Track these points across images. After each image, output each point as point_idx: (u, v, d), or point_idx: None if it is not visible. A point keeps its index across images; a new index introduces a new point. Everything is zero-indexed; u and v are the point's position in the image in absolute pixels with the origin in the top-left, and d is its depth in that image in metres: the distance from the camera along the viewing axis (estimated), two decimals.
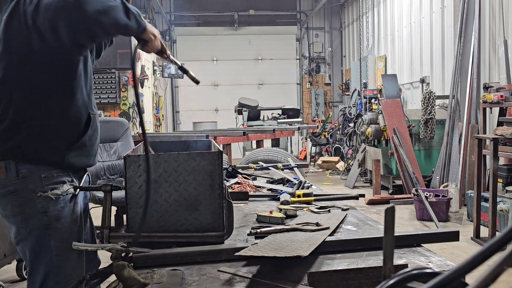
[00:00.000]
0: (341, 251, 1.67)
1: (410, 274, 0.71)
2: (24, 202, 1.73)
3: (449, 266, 1.52)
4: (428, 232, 1.81)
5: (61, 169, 1.79)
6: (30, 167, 1.73)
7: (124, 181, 1.78)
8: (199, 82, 2.06)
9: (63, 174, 1.80)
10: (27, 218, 1.74)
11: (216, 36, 14.42)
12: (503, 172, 5.24)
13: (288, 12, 14.89)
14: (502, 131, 4.52)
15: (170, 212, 1.79)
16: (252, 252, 1.54)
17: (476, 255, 0.60)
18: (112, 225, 1.92)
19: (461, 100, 6.65)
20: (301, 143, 14.09)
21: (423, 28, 8.73)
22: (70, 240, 1.70)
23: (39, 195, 1.73)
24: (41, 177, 1.74)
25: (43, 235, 1.74)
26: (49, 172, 1.76)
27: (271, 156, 4.93)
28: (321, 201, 2.55)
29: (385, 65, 10.70)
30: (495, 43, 6.38)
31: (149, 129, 8.96)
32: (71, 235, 1.78)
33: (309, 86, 14.94)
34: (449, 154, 6.61)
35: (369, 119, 8.01)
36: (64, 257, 1.77)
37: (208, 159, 1.81)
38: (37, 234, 1.74)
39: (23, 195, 1.73)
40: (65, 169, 1.81)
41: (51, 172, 1.76)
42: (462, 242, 4.64)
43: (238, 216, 2.25)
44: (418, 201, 5.72)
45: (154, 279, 1.43)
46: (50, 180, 1.76)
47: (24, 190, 1.73)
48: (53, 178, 1.77)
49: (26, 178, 1.73)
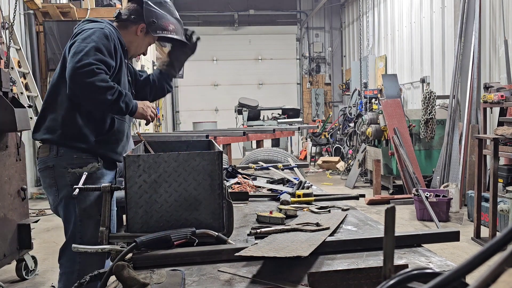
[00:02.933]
0: (341, 251, 1.67)
1: (411, 274, 0.71)
2: (58, 176, 2.28)
3: (450, 266, 1.52)
4: (428, 232, 1.80)
5: (90, 154, 2.31)
6: (66, 150, 2.28)
7: (124, 181, 1.78)
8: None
9: (91, 158, 2.31)
10: (59, 189, 2.28)
11: (216, 36, 14.43)
12: (503, 172, 5.23)
13: (288, 12, 14.89)
14: (502, 131, 4.51)
15: (170, 212, 1.79)
16: (252, 252, 1.54)
17: (476, 255, 0.60)
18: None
19: (461, 100, 6.65)
20: (301, 143, 14.10)
21: (424, 28, 8.73)
22: (89, 210, 2.25)
23: (69, 171, 2.26)
24: (73, 157, 2.28)
25: (70, 203, 2.26)
26: (79, 154, 2.29)
27: (271, 156, 4.92)
28: (321, 201, 2.55)
29: (385, 65, 10.70)
30: (496, 43, 6.38)
31: (149, 129, 8.97)
32: (91, 206, 2.26)
33: (309, 86, 14.95)
34: (449, 154, 6.61)
35: (369, 119, 8.01)
36: (85, 223, 2.26)
37: (208, 159, 1.81)
38: (66, 202, 2.27)
39: (57, 170, 2.28)
40: (94, 155, 2.32)
41: (81, 155, 2.29)
42: (463, 242, 4.64)
43: (238, 216, 2.25)
44: (418, 201, 5.72)
45: (154, 279, 1.43)
46: (80, 160, 2.29)
47: (59, 166, 2.28)
48: (82, 159, 2.29)
49: (62, 157, 2.28)
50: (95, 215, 2.24)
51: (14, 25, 6.25)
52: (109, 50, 2.23)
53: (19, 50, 7.31)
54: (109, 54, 2.22)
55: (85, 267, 2.23)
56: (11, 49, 6.15)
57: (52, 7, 8.03)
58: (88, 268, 2.20)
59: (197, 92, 14.42)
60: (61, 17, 8.13)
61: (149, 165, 1.78)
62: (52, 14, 8.11)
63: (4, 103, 3.40)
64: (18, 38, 7.32)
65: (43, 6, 8.03)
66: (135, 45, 2.50)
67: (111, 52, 2.24)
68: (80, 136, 2.30)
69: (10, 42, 5.85)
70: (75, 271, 2.26)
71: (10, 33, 5.99)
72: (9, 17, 6.01)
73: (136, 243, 1.60)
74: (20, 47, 7.30)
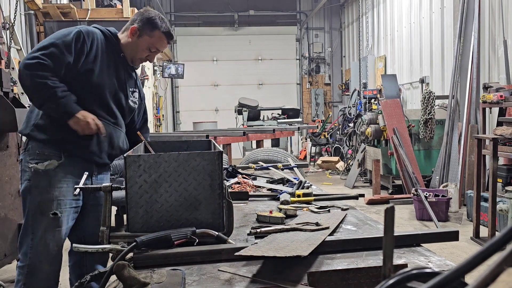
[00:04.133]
0: (341, 251, 1.67)
1: (410, 274, 0.71)
2: (22, 170, 2.35)
3: (449, 266, 1.52)
4: (427, 232, 1.81)
5: (55, 150, 2.31)
6: (34, 144, 2.32)
7: (125, 181, 1.78)
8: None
9: (54, 155, 2.31)
10: (21, 182, 2.35)
11: (216, 36, 14.43)
12: (502, 172, 5.24)
13: (288, 12, 14.89)
14: (501, 131, 4.52)
15: (170, 212, 1.80)
16: (252, 252, 1.54)
17: (475, 255, 0.60)
18: (112, 225, 1.93)
19: (460, 100, 6.66)
20: (301, 143, 14.10)
21: (423, 28, 8.73)
22: (43, 206, 2.27)
23: (29, 166, 2.30)
24: (35, 152, 2.31)
25: (26, 198, 2.32)
26: (42, 150, 2.30)
27: (271, 156, 4.92)
28: (321, 201, 2.55)
29: (384, 65, 10.70)
30: (495, 43, 6.38)
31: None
32: (45, 203, 2.28)
33: (309, 86, 14.95)
34: (448, 154, 6.61)
35: (368, 119, 8.01)
36: (37, 218, 2.29)
37: (208, 159, 1.81)
38: (24, 196, 2.34)
39: (23, 164, 2.35)
40: (58, 150, 2.32)
41: (43, 151, 2.30)
42: (462, 242, 4.65)
43: (238, 216, 2.25)
44: (417, 201, 5.72)
45: (154, 279, 1.43)
46: (41, 156, 2.30)
47: (24, 160, 2.34)
48: (44, 155, 2.30)
49: (28, 151, 2.33)
50: (47, 213, 2.27)
51: (15, 26, 6.25)
52: (68, 45, 2.24)
53: (20, 50, 7.30)
54: (67, 50, 2.23)
55: (36, 263, 2.27)
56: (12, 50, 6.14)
57: (53, 8, 8.02)
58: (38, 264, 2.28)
59: (197, 92, 14.41)
60: (61, 18, 8.13)
61: (149, 165, 1.78)
62: (53, 15, 8.10)
63: (4, 103, 3.41)
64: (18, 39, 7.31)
65: (44, 6, 8.02)
66: (130, 48, 2.48)
67: (69, 47, 2.24)
68: (47, 129, 2.31)
69: (11, 43, 5.85)
70: (26, 265, 2.28)
71: (11, 34, 5.99)
72: (9, 17, 6.01)
73: (136, 243, 1.61)
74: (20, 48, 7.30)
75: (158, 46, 2.50)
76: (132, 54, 2.52)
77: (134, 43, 2.47)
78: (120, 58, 2.49)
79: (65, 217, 2.33)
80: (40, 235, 2.27)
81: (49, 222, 2.28)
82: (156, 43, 2.48)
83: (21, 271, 2.29)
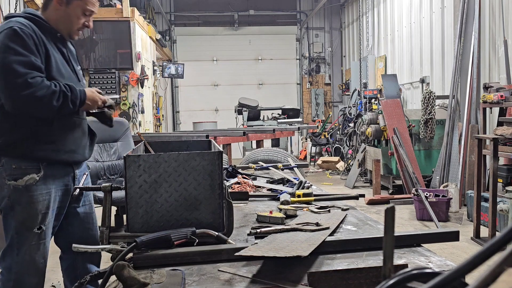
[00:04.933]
0: (341, 251, 1.67)
1: (410, 274, 0.71)
2: (0, 187, 2.18)
3: (449, 266, 1.52)
4: (428, 232, 1.81)
5: (30, 162, 2.16)
6: (7, 159, 2.16)
7: (124, 181, 1.78)
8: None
9: (31, 168, 2.16)
10: (0, 200, 2.20)
11: (216, 36, 14.42)
12: (503, 172, 5.23)
13: (288, 12, 14.89)
14: (502, 131, 4.52)
15: (170, 212, 1.80)
16: (252, 252, 1.54)
17: (476, 255, 0.60)
18: (112, 225, 1.93)
19: (461, 100, 6.66)
20: (301, 143, 14.09)
21: (423, 28, 8.73)
22: (27, 222, 2.15)
23: (6, 183, 2.15)
24: (11, 168, 2.15)
25: (8, 215, 2.19)
26: (19, 164, 2.15)
27: (271, 156, 4.92)
28: (321, 201, 2.55)
29: (385, 65, 10.70)
30: (495, 43, 6.38)
31: (149, 129, 8.96)
32: (29, 219, 2.16)
33: (309, 86, 14.94)
34: (449, 154, 6.61)
35: (369, 119, 8.01)
36: (23, 235, 2.17)
37: (208, 159, 1.81)
38: (5, 213, 2.20)
39: (0, 181, 2.18)
40: (34, 161, 2.17)
41: (20, 165, 2.15)
42: (462, 242, 4.64)
43: (238, 216, 2.25)
44: (418, 201, 5.72)
45: (154, 279, 1.43)
46: (18, 171, 2.15)
47: (0, 177, 2.17)
48: (21, 170, 2.15)
49: (3, 167, 2.17)
50: (33, 228, 2.17)
51: None
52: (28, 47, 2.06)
53: None
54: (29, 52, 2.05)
55: (23, 277, 2.18)
56: None
57: None
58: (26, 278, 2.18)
59: (197, 92, 14.41)
60: None
61: (149, 165, 1.78)
62: None
63: None
64: None
65: None
66: (63, 21, 2.24)
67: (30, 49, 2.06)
68: (14, 142, 2.15)
69: None
70: (11, 280, 2.19)
71: None
72: None
73: (136, 243, 1.60)
74: None
75: (91, 6, 2.26)
76: (68, 28, 2.26)
77: (66, 15, 2.22)
78: (59, 40, 2.27)
79: (49, 228, 2.26)
80: (25, 250, 2.18)
81: (34, 236, 2.19)
82: (88, 3, 2.24)
83: (7, 284, 2.20)
